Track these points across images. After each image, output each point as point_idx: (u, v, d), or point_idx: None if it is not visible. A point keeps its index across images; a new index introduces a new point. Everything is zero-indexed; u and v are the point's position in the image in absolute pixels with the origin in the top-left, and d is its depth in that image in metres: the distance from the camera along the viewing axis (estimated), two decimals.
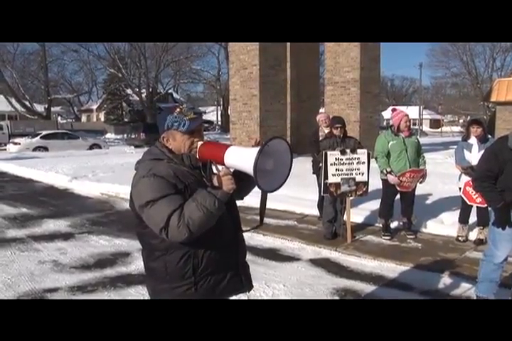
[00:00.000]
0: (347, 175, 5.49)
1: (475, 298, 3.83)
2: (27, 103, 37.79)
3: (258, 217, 2.24)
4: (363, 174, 5.55)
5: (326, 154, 5.42)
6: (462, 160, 5.39)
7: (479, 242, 5.37)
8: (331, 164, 5.43)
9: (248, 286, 2.23)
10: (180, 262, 1.97)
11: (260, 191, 2.00)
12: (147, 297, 2.23)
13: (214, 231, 1.92)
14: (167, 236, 1.85)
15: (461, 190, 5.45)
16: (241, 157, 1.83)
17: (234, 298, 2.22)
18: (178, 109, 2.02)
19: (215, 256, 2.01)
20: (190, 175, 1.96)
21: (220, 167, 1.92)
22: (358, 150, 5.55)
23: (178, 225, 1.81)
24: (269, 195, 1.99)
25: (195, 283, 2.00)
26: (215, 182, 1.91)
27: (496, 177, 3.46)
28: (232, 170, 1.95)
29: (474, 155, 5.13)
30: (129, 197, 2.05)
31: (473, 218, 5.56)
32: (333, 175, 5.45)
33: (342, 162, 5.45)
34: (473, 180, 3.66)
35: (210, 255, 2.00)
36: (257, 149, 1.76)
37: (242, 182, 2.00)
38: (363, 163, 5.54)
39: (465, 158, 5.35)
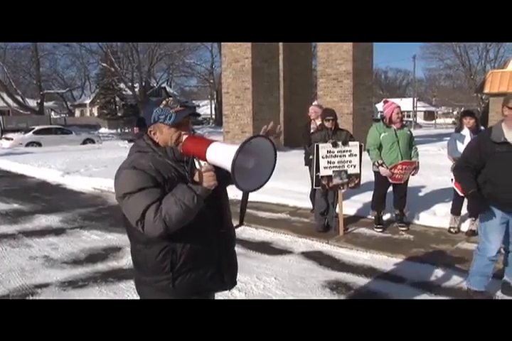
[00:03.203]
0: (339, 167, 5.48)
1: (466, 289, 3.84)
2: (19, 98, 37.53)
3: (253, 211, 2.20)
4: (354, 166, 5.54)
5: (317, 147, 5.40)
6: (454, 152, 5.39)
7: (471, 233, 5.38)
8: (323, 157, 5.41)
9: (230, 285, 2.20)
10: (159, 256, 1.95)
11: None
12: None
13: (194, 227, 1.89)
14: (143, 230, 1.82)
15: (453, 181, 5.45)
16: (222, 154, 1.77)
17: (229, 295, 2.20)
18: (163, 102, 1.97)
19: (195, 252, 1.98)
20: (172, 169, 1.93)
21: (202, 162, 1.87)
22: (350, 143, 5.53)
23: (154, 219, 1.78)
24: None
25: (174, 279, 1.97)
26: (197, 178, 1.87)
27: (476, 168, 3.45)
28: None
29: None
30: None
31: (465, 209, 5.56)
32: (324, 167, 5.43)
33: (334, 154, 5.43)
34: (453, 170, 3.67)
35: (190, 251, 1.96)
36: (237, 147, 1.71)
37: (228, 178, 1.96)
38: (355, 155, 5.52)
39: (457, 149, 5.34)
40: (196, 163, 1.91)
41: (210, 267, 2.05)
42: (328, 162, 5.43)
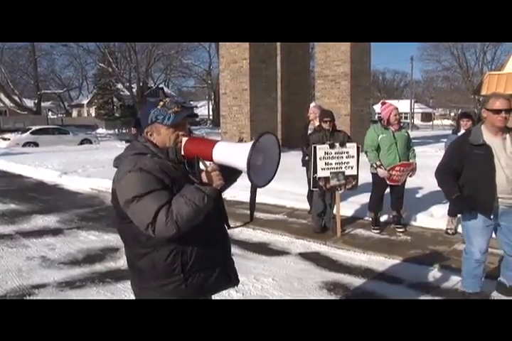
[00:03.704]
0: (336, 169, 5.48)
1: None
2: (16, 98, 37.52)
3: (248, 211, 2.23)
4: (352, 168, 5.54)
5: (315, 148, 5.40)
6: None
7: None
8: (320, 158, 5.42)
9: (235, 281, 2.22)
10: (169, 259, 1.93)
11: (249, 187, 1.97)
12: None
13: (202, 227, 1.89)
14: (153, 233, 1.79)
15: None
16: (232, 153, 1.80)
17: (227, 295, 2.20)
18: (161, 103, 1.97)
19: (203, 252, 1.99)
20: (175, 170, 1.92)
21: (207, 163, 1.89)
22: (347, 144, 5.54)
23: (166, 221, 1.77)
24: (259, 188, 1.97)
25: (185, 280, 1.97)
26: (204, 178, 1.88)
27: (457, 171, 3.45)
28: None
29: None
30: None
31: None
32: (322, 169, 5.44)
33: (331, 156, 5.43)
34: (435, 173, 3.65)
35: (198, 251, 1.97)
36: (248, 145, 1.74)
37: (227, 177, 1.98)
38: (352, 156, 5.53)
39: None
40: (200, 164, 1.92)
41: (217, 266, 2.07)
42: (325, 163, 5.44)
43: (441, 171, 3.58)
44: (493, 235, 3.59)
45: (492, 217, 3.42)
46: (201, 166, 1.94)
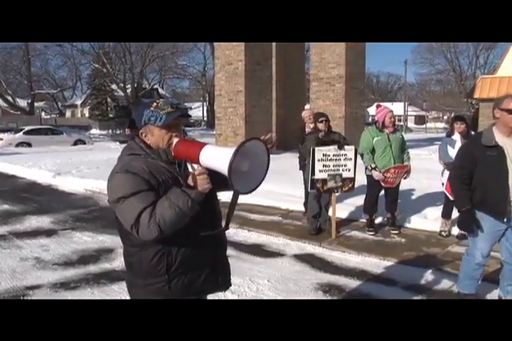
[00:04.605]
0: (334, 171, 5.50)
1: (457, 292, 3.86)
2: (9, 98, 37.32)
3: (245, 214, 2.20)
4: (349, 170, 5.56)
5: (313, 150, 5.42)
6: (445, 156, 5.43)
7: (461, 237, 5.41)
8: (318, 160, 5.43)
9: (225, 286, 2.21)
10: (154, 259, 1.95)
11: (232, 192, 1.92)
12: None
13: (189, 229, 1.89)
14: (137, 234, 1.82)
15: (444, 186, 5.50)
16: (216, 157, 1.77)
17: (222, 296, 2.19)
18: (154, 104, 1.97)
19: (190, 254, 1.99)
20: (166, 171, 1.93)
21: (195, 166, 1.87)
22: (346, 147, 5.55)
23: (148, 223, 1.78)
24: (242, 195, 1.94)
25: (169, 281, 1.98)
26: (190, 182, 1.86)
27: (471, 174, 3.43)
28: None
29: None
30: None
31: (456, 213, 5.60)
32: (320, 170, 5.45)
33: (329, 158, 5.45)
34: (449, 178, 3.63)
35: (185, 253, 1.97)
36: (233, 149, 1.71)
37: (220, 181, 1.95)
38: (350, 159, 5.55)
39: (448, 153, 5.39)
40: (189, 166, 1.91)
41: (205, 269, 2.06)
42: (323, 165, 5.45)
43: (455, 176, 3.56)
44: None
45: (505, 220, 3.38)
46: (191, 169, 1.92)
